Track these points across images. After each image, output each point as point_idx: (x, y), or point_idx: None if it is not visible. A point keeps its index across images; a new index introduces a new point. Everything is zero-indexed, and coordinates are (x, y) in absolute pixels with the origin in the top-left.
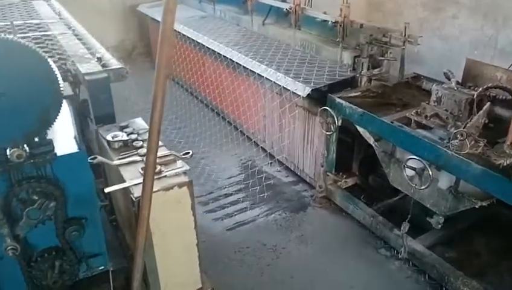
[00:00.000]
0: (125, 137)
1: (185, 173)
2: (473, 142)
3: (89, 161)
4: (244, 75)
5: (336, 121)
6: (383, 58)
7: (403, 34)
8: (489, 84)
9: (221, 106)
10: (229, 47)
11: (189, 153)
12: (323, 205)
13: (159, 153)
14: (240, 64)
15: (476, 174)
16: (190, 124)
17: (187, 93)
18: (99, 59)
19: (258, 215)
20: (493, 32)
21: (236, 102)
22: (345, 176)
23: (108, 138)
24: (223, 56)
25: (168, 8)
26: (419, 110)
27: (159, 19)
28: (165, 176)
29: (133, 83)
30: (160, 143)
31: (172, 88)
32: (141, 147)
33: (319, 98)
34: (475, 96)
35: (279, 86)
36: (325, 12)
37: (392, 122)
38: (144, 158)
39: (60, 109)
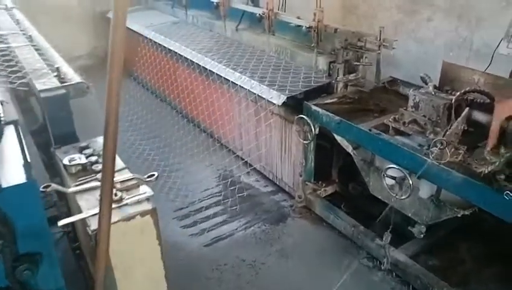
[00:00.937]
0: (83, 160)
1: (148, 199)
2: (452, 150)
3: (41, 189)
4: (218, 82)
5: (313, 130)
6: (358, 63)
7: (378, 38)
8: (467, 88)
9: (195, 114)
10: (202, 54)
11: (154, 175)
12: (303, 215)
13: (120, 177)
14: (214, 72)
15: (457, 183)
16: (161, 134)
17: (158, 101)
18: (58, 74)
19: (236, 229)
20: (468, 34)
21: (210, 110)
22: (324, 185)
23: (65, 161)
24: (196, 63)
25: (117, 24)
26: (397, 117)
27: (127, 25)
28: (126, 204)
29: (94, 96)
30: (122, 165)
31: (142, 96)
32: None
33: (295, 105)
34: (453, 101)
35: (254, 93)
36: (298, 17)
37: (370, 130)
38: None
39: (1, 136)
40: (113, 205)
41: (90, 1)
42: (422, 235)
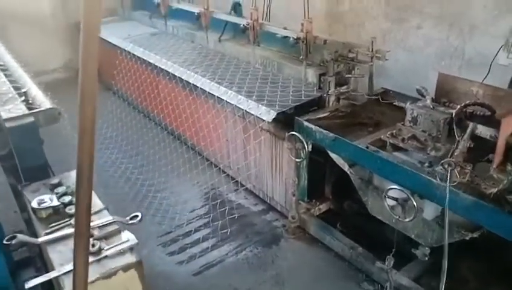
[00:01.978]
0: (55, 202)
1: (131, 249)
2: (459, 169)
3: (5, 242)
4: (203, 97)
5: (306, 147)
6: (350, 75)
7: (370, 49)
8: (468, 102)
9: (180, 130)
10: (185, 67)
11: (137, 216)
12: (297, 236)
13: (98, 222)
14: (197, 86)
15: (466, 205)
16: (144, 151)
17: (140, 116)
18: (26, 98)
19: (227, 254)
20: (459, 43)
21: (196, 126)
22: (318, 203)
23: (34, 204)
24: (179, 77)
25: (87, 48)
26: (394, 132)
27: (104, 37)
28: (106, 257)
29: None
30: (100, 205)
31: (123, 111)
32: None
33: (285, 120)
34: (454, 115)
35: (242, 109)
36: (285, 28)
37: (367, 147)
38: None
39: None
40: (91, 259)
41: (64, 11)
42: (426, 258)
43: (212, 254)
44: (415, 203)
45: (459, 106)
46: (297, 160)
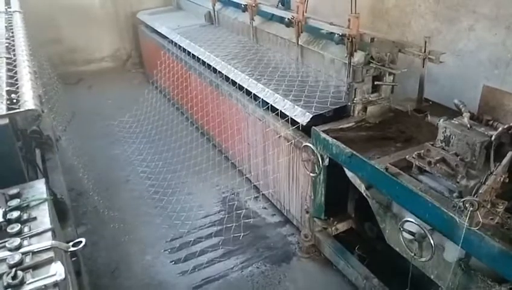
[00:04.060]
0: None
1: (56, 285)
2: (489, 206)
3: None
4: (227, 95)
5: (320, 161)
6: (380, 82)
7: (423, 50)
8: None
9: (207, 126)
10: (226, 61)
11: (81, 242)
12: (311, 256)
13: (34, 247)
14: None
15: (492, 253)
16: (169, 144)
17: (176, 110)
18: (9, 97)
19: (232, 268)
20: None
21: (221, 126)
22: (336, 221)
23: None
24: (218, 72)
25: None
26: (422, 153)
27: (155, 27)
28: None
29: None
30: (47, 225)
31: (161, 105)
32: (19, 233)
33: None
34: (493, 137)
35: (261, 111)
36: (331, 23)
37: (386, 169)
38: (20, 253)
39: None
40: None
41: (113, 3)
42: None
43: (217, 266)
44: (432, 243)
45: (501, 127)
46: (311, 174)
